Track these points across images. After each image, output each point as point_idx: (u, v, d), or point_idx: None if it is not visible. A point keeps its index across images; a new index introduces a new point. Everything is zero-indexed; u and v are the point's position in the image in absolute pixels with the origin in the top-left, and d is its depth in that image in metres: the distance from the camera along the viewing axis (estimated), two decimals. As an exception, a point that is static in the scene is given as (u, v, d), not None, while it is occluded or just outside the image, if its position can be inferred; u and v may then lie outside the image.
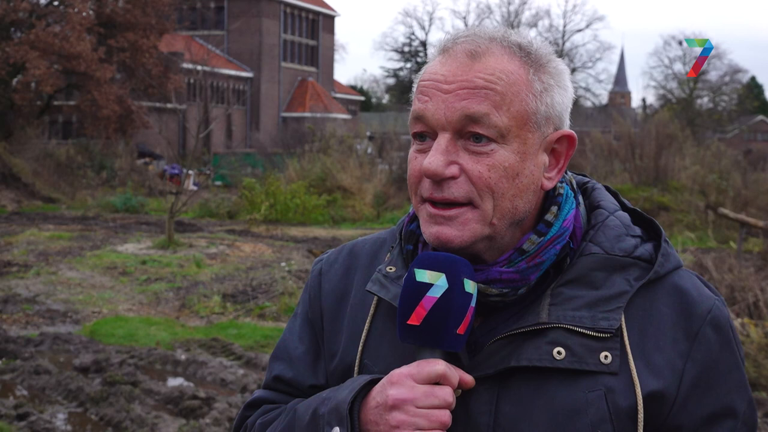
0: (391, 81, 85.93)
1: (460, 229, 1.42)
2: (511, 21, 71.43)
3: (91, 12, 39.01)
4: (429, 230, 1.44)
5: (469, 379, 1.41)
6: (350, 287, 1.63)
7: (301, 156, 28.48)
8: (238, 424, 1.68)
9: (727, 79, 64.07)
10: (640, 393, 1.39)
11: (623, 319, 1.42)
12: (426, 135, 1.44)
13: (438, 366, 1.37)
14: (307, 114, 53.75)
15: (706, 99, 64.25)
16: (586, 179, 1.63)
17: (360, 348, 1.55)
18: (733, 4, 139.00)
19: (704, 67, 60.95)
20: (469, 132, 1.41)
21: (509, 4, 73.31)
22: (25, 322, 10.97)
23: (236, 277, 14.04)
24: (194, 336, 10.22)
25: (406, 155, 23.20)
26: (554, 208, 1.48)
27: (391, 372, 1.40)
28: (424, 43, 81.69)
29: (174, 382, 8.61)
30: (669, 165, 24.82)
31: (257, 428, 1.61)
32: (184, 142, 43.77)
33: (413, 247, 1.56)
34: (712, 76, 63.09)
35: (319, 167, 26.44)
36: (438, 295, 1.37)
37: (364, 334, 1.55)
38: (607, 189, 1.61)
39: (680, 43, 60.58)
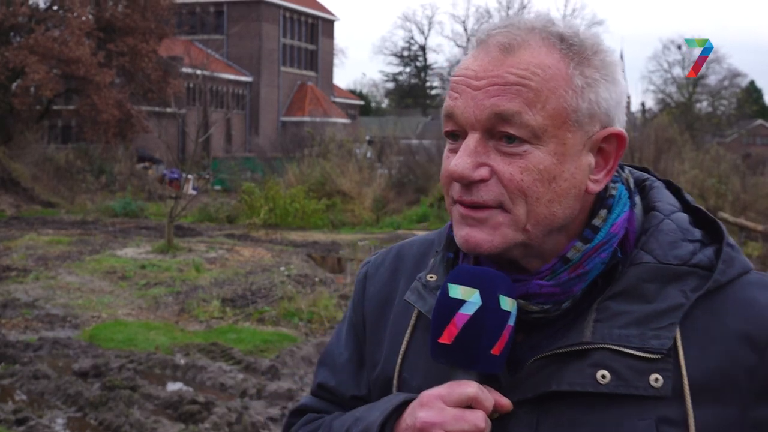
0: (390, 85, 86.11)
1: (490, 233, 1.31)
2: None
3: (90, 16, 39.02)
4: (459, 233, 1.34)
5: (505, 402, 1.30)
6: (394, 293, 1.54)
7: (301, 160, 28.49)
8: (284, 429, 1.64)
9: (726, 83, 64.14)
10: (693, 423, 1.26)
11: (678, 335, 1.28)
12: (458, 134, 1.34)
13: (469, 389, 1.27)
14: (306, 118, 53.74)
15: (705, 103, 64.31)
16: (646, 176, 1.48)
17: (399, 360, 1.47)
18: (732, 8, 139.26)
19: (703, 71, 60.99)
20: (500, 132, 1.30)
21: (508, 8, 73.35)
22: (24, 326, 10.96)
23: (236, 282, 14.03)
24: (193, 340, 10.21)
25: (405, 160, 23.22)
26: (603, 212, 1.36)
27: (422, 393, 1.31)
28: (423, 48, 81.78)
29: (173, 386, 8.60)
30: (668, 169, 24.82)
31: None
32: (183, 146, 43.77)
33: (454, 255, 1.46)
34: (711, 80, 63.18)
35: (318, 172, 26.45)
36: (470, 313, 1.28)
37: (403, 345, 1.47)
38: (669, 185, 1.47)
39: (679, 47, 60.67)
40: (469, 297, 1.28)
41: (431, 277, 1.45)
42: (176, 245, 17.33)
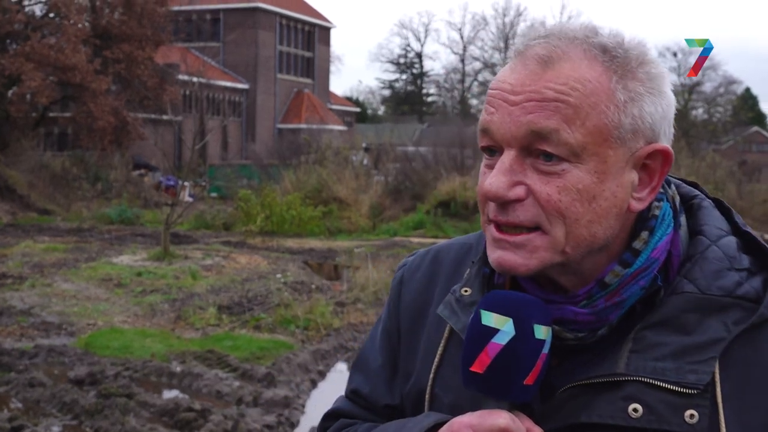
0: (386, 92, 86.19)
1: (526, 257, 1.26)
2: (507, 32, 71.64)
3: (86, 24, 39.02)
4: (493, 255, 1.28)
5: (537, 431, 1.26)
6: (430, 301, 1.50)
7: (297, 167, 28.49)
8: None
9: (721, 90, 64.25)
10: None
11: (717, 371, 1.22)
12: (494, 149, 1.28)
13: (501, 420, 1.22)
14: (302, 125, 53.78)
15: (701, 110, 64.40)
16: (694, 193, 1.41)
17: (432, 376, 1.43)
18: (728, 16, 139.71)
19: (699, 78, 61.11)
20: (537, 149, 1.23)
21: (504, 15, 73.60)
22: (19, 334, 10.94)
23: (232, 289, 14.02)
24: (189, 348, 10.19)
25: (401, 167, 23.24)
26: (645, 234, 1.29)
27: (453, 420, 1.27)
28: (419, 55, 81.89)
29: (169, 394, 8.58)
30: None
31: None
32: (179, 153, 43.75)
33: (490, 271, 1.40)
34: (707, 87, 63.28)
35: (314, 179, 26.44)
36: (504, 343, 1.23)
37: (436, 360, 1.43)
38: (720, 205, 1.40)
39: (675, 54, 60.73)
40: (502, 326, 1.24)
41: (465, 291, 1.41)
42: (172, 252, 17.31)
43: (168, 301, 13.10)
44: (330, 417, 1.63)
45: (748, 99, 72.31)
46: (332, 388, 8.89)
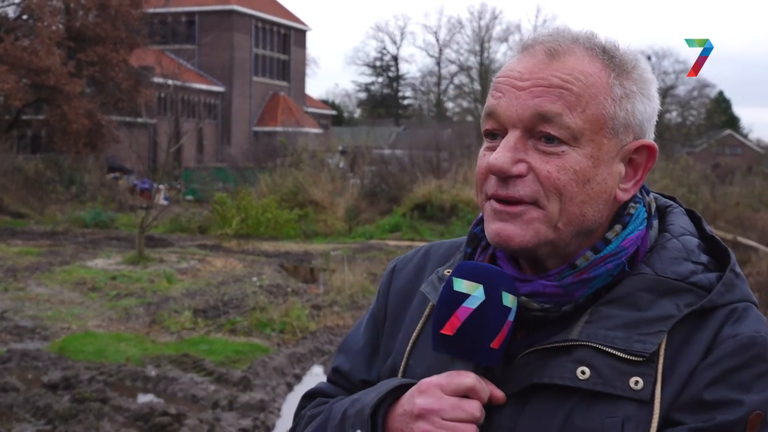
0: (362, 95, 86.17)
1: (523, 228, 1.35)
2: (482, 36, 71.83)
3: (60, 26, 38.77)
4: (491, 226, 1.38)
5: (499, 394, 1.35)
6: (416, 288, 1.59)
7: (273, 170, 28.43)
8: (296, 412, 1.68)
9: (695, 93, 64.78)
10: (655, 427, 1.28)
11: (664, 344, 1.31)
12: (497, 133, 1.38)
13: (468, 379, 1.33)
14: (278, 128, 53.65)
15: (674, 113, 64.86)
16: (669, 203, 1.51)
17: (408, 348, 1.52)
18: (701, 21, 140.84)
19: (673, 81, 61.60)
20: (540, 132, 1.34)
21: (480, 19, 73.78)
22: (-8, 338, 10.84)
23: (207, 293, 13.96)
24: (165, 352, 10.14)
25: (377, 170, 23.20)
26: (618, 227, 1.40)
27: (421, 381, 1.36)
28: (395, 58, 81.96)
29: (144, 398, 8.53)
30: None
31: (305, 420, 1.60)
32: (154, 156, 43.55)
33: (472, 251, 1.51)
34: (681, 90, 63.79)
35: (290, 182, 26.40)
36: (474, 307, 1.32)
37: (414, 334, 1.52)
38: (691, 214, 1.50)
39: (649, 57, 61.12)
40: (473, 291, 1.33)
41: (447, 272, 1.49)
42: (147, 256, 17.22)
43: (143, 304, 13.03)
44: (308, 397, 1.68)
45: (722, 102, 72.90)
46: (308, 391, 8.85)
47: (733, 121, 75.40)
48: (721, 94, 73.67)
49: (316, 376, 9.68)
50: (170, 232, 24.29)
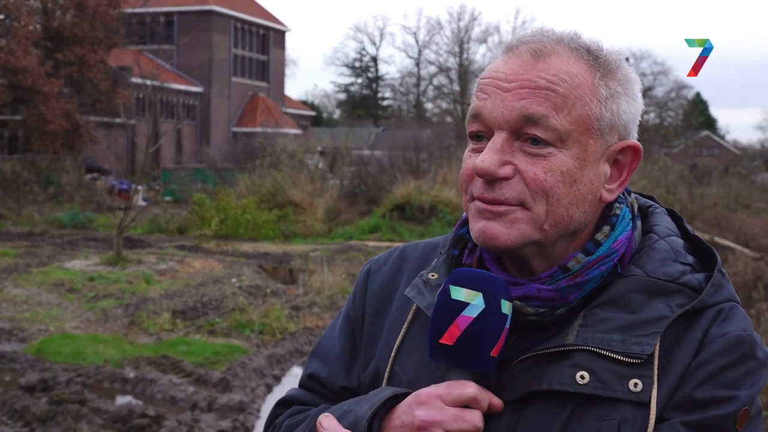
0: (342, 96, 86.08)
1: (508, 227, 1.34)
2: (461, 37, 71.96)
3: (37, 26, 38.51)
4: (476, 225, 1.36)
5: (497, 402, 1.33)
6: (395, 291, 1.56)
7: (252, 171, 28.36)
8: (268, 421, 1.64)
9: (673, 95, 65.16)
10: (652, 427, 1.29)
11: (658, 345, 1.31)
12: (482, 135, 1.37)
13: (469, 389, 1.30)
14: (257, 129, 53.50)
15: (652, 114, 65.20)
16: (650, 203, 1.52)
17: (393, 354, 1.48)
18: (677, 23, 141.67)
19: (651, 82, 61.91)
20: (526, 134, 1.33)
21: (459, 20, 73.79)
22: (-31, 340, 10.76)
23: (186, 294, 13.92)
24: (143, 353, 10.10)
25: (357, 170, 23.21)
26: (606, 228, 1.39)
27: (419, 391, 1.33)
28: (374, 59, 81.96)
29: (122, 400, 8.50)
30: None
31: (283, 429, 1.57)
32: (133, 157, 43.35)
33: (459, 253, 1.49)
34: (659, 92, 64.12)
35: (270, 182, 26.35)
36: (474, 316, 1.30)
37: (398, 339, 1.49)
38: (672, 214, 1.51)
39: (627, 59, 61.25)
40: (473, 300, 1.31)
41: (432, 275, 1.47)
42: (125, 257, 17.14)
43: (121, 306, 12.97)
44: (282, 404, 1.64)
45: (699, 104, 73.34)
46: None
47: (710, 123, 75.86)
48: (698, 95, 74.13)
49: (295, 377, 9.67)
50: (149, 233, 24.19)
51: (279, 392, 9.10)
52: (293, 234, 23.96)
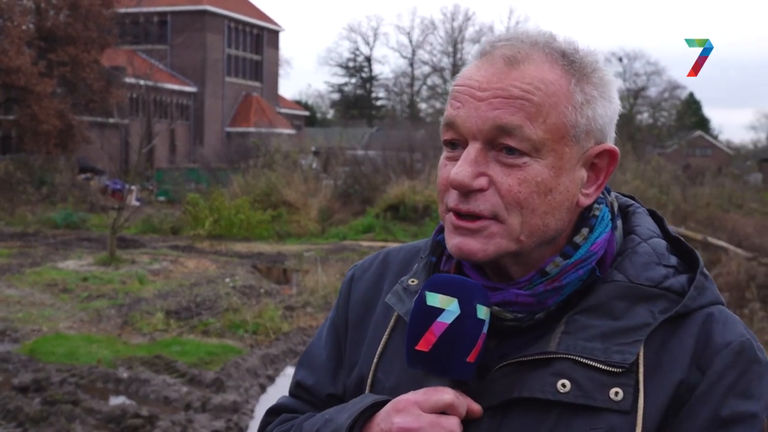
0: (335, 96, 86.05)
1: (484, 243, 1.32)
2: (455, 37, 72.02)
3: (31, 26, 38.45)
4: (452, 241, 1.35)
5: (476, 408, 1.32)
6: (378, 296, 1.55)
7: (246, 171, 28.35)
8: (259, 429, 1.65)
9: (666, 95, 65.19)
10: None
11: (642, 353, 1.30)
12: (457, 143, 1.35)
13: (446, 396, 1.30)
14: (251, 129, 53.49)
15: (646, 114, 65.29)
16: (630, 202, 1.51)
17: (375, 361, 1.48)
18: (671, 23, 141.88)
19: (644, 83, 62.00)
20: (500, 144, 1.31)
21: (453, 20, 73.87)
22: (-38, 341, 10.73)
23: (180, 294, 13.90)
24: (137, 354, 10.09)
25: (350, 170, 23.23)
26: (585, 230, 1.38)
27: (397, 398, 1.33)
28: (368, 59, 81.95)
29: (116, 400, 8.49)
30: (610, 179, 25.08)
31: None
32: (126, 157, 43.26)
33: (437, 259, 1.47)
34: (652, 92, 64.17)
35: (263, 182, 26.33)
36: (449, 321, 1.29)
37: (380, 346, 1.48)
38: (652, 214, 1.49)
39: (620, 59, 61.51)
40: (448, 305, 1.30)
41: (412, 282, 1.46)
42: (119, 257, 17.12)
43: (115, 306, 12.95)
44: (272, 413, 1.65)
45: (692, 104, 73.45)
46: (281, 392, 8.80)
47: (703, 123, 75.99)
48: (691, 95, 74.25)
49: (289, 378, 9.61)
50: (142, 233, 24.16)
51: (273, 392, 9.10)
52: (287, 234, 23.95)
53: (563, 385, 1.29)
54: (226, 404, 8.18)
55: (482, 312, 1.31)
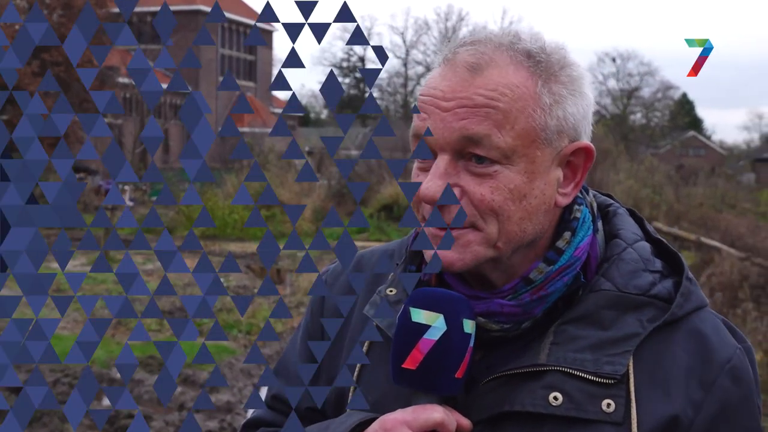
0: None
1: (461, 251, 1.29)
2: (449, 37, 72.03)
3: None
4: (429, 252, 1.33)
5: (466, 423, 1.29)
6: (353, 304, 1.49)
7: (240, 171, 28.33)
8: None
9: (659, 95, 65.32)
10: None
11: (632, 363, 1.29)
12: None
13: (435, 414, 1.25)
14: (245, 129, 53.49)
15: (639, 115, 65.41)
16: (609, 202, 1.49)
17: (355, 375, 1.44)
18: (665, 23, 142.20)
19: (637, 83, 62.14)
20: (470, 153, 1.28)
21: (446, 20, 73.96)
22: (-46, 341, 10.72)
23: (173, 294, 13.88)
24: (130, 354, 10.07)
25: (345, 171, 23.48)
26: (567, 234, 1.35)
27: (384, 417, 1.28)
28: (362, 59, 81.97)
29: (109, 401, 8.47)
30: (603, 179, 25.21)
31: None
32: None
33: (417, 268, 1.44)
34: (645, 92, 64.33)
35: (257, 183, 26.29)
36: (436, 338, 1.26)
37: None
38: (633, 214, 1.47)
39: (614, 59, 61.65)
40: (434, 322, 1.26)
41: (391, 291, 1.44)
42: (112, 257, 17.09)
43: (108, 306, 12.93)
44: (249, 426, 1.61)
45: (685, 104, 73.58)
46: (275, 392, 8.84)
47: (696, 123, 76.13)
48: (684, 95, 74.38)
49: (283, 378, 9.66)
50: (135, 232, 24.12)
51: (266, 393, 9.10)
52: (281, 234, 23.94)
53: (555, 398, 1.27)
54: (220, 405, 8.18)
55: (468, 326, 1.28)
